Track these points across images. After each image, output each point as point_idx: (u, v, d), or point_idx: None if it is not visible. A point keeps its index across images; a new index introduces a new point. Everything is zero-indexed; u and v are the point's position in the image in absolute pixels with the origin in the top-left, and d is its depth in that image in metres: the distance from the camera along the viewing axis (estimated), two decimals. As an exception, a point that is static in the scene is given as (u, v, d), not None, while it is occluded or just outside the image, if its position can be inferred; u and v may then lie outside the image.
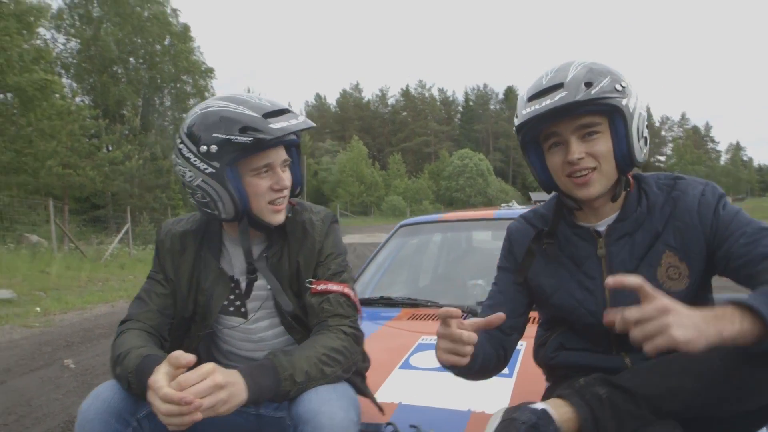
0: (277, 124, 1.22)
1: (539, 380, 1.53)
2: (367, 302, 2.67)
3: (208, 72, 30.67)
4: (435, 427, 1.40)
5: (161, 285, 1.35)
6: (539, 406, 1.08)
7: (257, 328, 1.38)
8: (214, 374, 0.99)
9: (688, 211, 1.21)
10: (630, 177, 1.27)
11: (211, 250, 1.37)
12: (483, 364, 1.29)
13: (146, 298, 1.33)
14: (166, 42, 28.71)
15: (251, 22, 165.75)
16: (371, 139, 68.78)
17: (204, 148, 1.21)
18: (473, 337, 1.08)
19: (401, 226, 3.27)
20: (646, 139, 1.24)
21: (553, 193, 1.35)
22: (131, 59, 28.14)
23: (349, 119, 72.61)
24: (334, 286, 1.31)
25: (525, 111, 1.20)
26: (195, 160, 1.23)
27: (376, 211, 44.90)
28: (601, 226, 1.28)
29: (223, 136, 1.19)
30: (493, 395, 1.55)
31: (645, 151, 1.24)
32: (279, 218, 1.31)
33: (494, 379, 1.49)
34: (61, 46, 27.15)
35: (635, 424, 1.07)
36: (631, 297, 1.23)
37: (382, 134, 72.56)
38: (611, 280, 0.96)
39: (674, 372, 1.05)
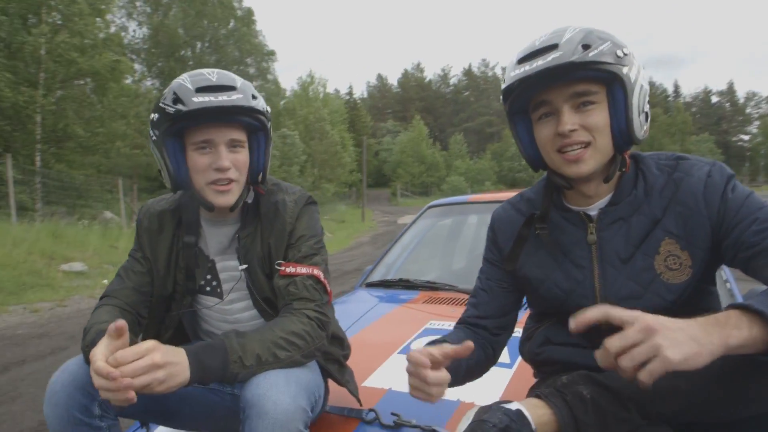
0: (200, 98, 1.18)
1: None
2: (387, 284, 2.64)
3: (270, 54, 31.27)
4: (419, 415, 1.36)
5: (139, 263, 1.36)
6: (514, 406, 0.98)
7: (232, 309, 1.37)
8: (153, 353, 0.97)
9: (692, 194, 1.07)
10: (627, 156, 1.14)
11: (188, 229, 1.36)
12: (468, 371, 1.21)
13: (124, 275, 1.34)
14: (230, 26, 29.44)
15: (313, 3, 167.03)
16: (433, 119, 68.15)
17: (151, 115, 1.26)
18: (440, 378, 0.98)
19: (429, 207, 3.20)
20: (647, 114, 1.10)
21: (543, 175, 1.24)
22: (198, 43, 29.06)
23: (410, 99, 72.14)
24: (302, 269, 1.27)
25: (513, 73, 1.08)
26: (150, 127, 1.28)
27: (437, 191, 44.50)
28: (593, 210, 1.15)
29: (161, 105, 1.22)
30: (488, 386, 1.47)
31: (645, 128, 1.10)
32: (223, 200, 1.26)
33: (494, 368, 1.41)
34: (132, 33, 28.45)
35: (622, 429, 0.97)
36: (626, 288, 1.11)
37: (444, 114, 71.73)
38: (573, 324, 0.84)
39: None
